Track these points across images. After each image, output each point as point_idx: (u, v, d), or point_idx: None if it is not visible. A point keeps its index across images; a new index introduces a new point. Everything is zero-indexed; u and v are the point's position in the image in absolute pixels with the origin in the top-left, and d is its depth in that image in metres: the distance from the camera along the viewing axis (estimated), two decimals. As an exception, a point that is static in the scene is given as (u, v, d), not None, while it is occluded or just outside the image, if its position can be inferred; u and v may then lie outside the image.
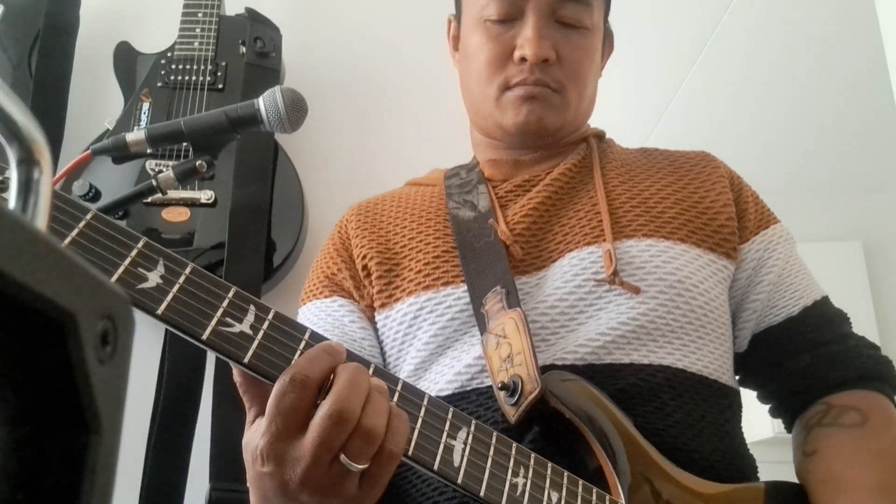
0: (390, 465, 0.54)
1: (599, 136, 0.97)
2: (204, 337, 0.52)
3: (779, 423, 0.88)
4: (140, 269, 0.51)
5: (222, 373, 1.16)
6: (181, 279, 0.52)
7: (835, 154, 3.09)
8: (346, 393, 0.52)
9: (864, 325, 0.86)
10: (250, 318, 0.55)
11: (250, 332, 0.54)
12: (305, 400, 0.52)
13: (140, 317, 0.44)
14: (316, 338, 0.57)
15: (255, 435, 0.55)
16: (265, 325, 0.55)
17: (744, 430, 0.83)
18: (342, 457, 0.51)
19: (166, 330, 1.22)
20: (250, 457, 0.55)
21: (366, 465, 0.53)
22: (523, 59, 0.84)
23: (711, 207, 0.85)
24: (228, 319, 0.54)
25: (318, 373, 0.53)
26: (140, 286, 0.51)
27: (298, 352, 0.56)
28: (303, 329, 0.57)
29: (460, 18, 0.95)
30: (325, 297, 0.86)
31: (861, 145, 3.02)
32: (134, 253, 0.51)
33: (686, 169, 0.90)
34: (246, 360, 0.53)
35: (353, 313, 0.85)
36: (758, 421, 2.13)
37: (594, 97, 0.95)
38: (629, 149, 0.97)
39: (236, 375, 0.57)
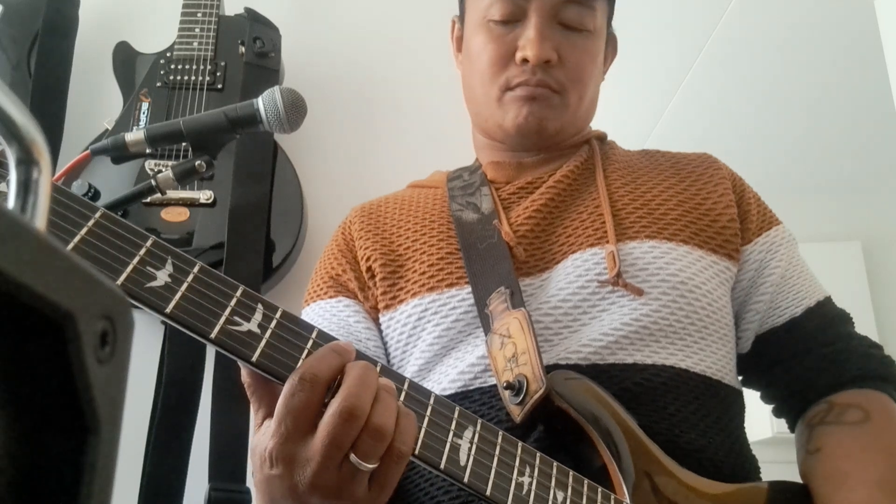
0: (399, 465, 0.54)
1: (601, 137, 0.97)
2: (212, 336, 0.52)
3: (778, 424, 0.88)
4: (149, 268, 0.51)
5: (222, 373, 1.16)
6: (189, 278, 0.52)
7: (835, 154, 3.10)
8: (355, 390, 0.52)
9: (863, 325, 0.86)
10: (258, 316, 0.54)
11: (258, 330, 0.54)
12: (315, 399, 0.52)
13: (140, 316, 0.44)
14: (324, 337, 0.57)
15: (263, 437, 0.54)
16: (273, 324, 0.55)
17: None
18: (352, 456, 0.51)
19: (166, 330, 1.23)
20: (258, 459, 0.55)
21: (375, 465, 0.52)
22: (525, 60, 0.84)
23: (714, 209, 0.85)
24: (237, 318, 0.53)
25: (327, 371, 0.53)
26: (149, 285, 0.51)
27: (306, 351, 0.55)
28: (310, 328, 0.57)
29: (464, 20, 0.95)
30: (330, 297, 0.86)
31: (861, 145, 3.02)
32: (142, 252, 0.51)
33: (688, 171, 0.90)
34: (254, 359, 0.53)
35: (359, 314, 0.85)
36: (758, 421, 2.14)
37: (595, 100, 0.94)
38: (631, 151, 0.97)
39: (244, 376, 0.56)
